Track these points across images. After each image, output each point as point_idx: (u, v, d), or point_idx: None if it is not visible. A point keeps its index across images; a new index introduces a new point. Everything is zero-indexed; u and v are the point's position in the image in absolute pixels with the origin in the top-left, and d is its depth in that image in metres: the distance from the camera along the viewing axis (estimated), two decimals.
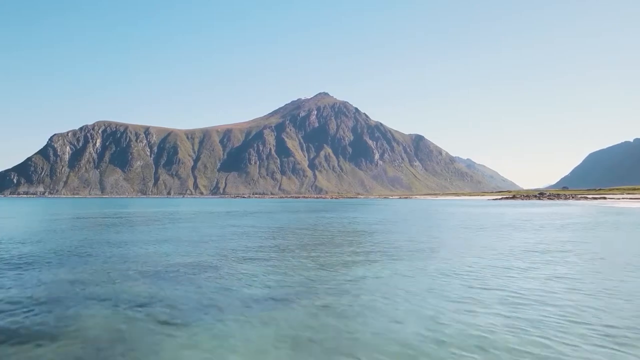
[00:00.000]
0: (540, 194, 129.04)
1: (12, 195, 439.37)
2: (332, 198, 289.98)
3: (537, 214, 44.82)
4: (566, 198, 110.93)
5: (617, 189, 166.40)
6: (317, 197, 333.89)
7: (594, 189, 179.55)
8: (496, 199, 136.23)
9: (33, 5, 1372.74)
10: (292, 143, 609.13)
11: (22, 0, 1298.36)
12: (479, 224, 31.85)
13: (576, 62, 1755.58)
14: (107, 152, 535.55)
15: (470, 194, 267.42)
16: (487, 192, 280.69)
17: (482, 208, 66.78)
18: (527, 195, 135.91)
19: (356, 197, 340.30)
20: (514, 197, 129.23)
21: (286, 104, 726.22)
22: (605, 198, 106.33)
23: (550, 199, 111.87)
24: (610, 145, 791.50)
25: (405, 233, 25.72)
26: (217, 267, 13.63)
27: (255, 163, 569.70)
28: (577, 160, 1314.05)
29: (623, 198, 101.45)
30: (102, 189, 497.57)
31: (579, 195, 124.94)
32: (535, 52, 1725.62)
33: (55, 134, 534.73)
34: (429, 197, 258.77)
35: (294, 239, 22.13)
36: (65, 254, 16.88)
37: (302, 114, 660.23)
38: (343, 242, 20.64)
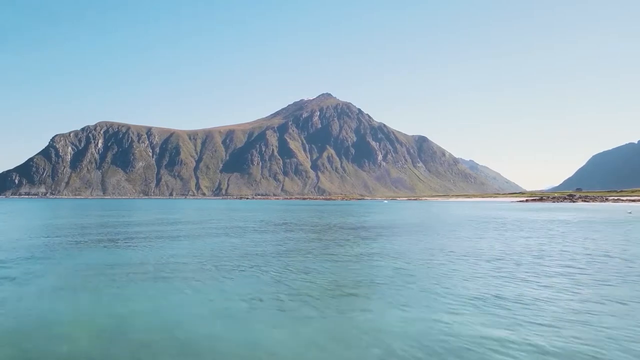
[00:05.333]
0: (569, 196, 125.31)
1: (14, 196, 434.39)
2: (342, 199, 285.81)
3: None
4: (602, 200, 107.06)
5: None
6: (326, 199, 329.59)
7: (615, 191, 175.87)
8: (521, 201, 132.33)
9: (34, 6, 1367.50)
10: (295, 144, 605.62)
11: (23, 1, 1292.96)
12: None
13: (579, 63, 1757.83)
14: (109, 153, 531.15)
15: (482, 195, 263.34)
16: (500, 194, 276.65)
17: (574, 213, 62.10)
18: (555, 197, 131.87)
19: (362, 199, 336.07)
20: (541, 200, 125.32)
21: (289, 105, 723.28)
22: None
23: (585, 201, 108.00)
24: (615, 146, 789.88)
25: None
26: None
27: (257, 164, 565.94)
28: (580, 162, 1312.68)
29: None
30: (104, 190, 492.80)
31: (610, 197, 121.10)
32: (538, 53, 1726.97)
33: (56, 135, 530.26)
34: (439, 199, 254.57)
35: None
36: None
37: (305, 114, 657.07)
38: None
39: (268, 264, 16.59)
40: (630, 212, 53.43)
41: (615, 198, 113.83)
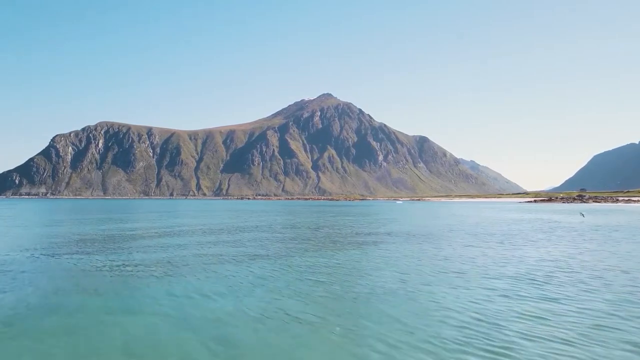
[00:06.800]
0: (579, 196, 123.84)
1: (14, 196, 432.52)
2: (345, 200, 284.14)
3: None
4: (613, 201, 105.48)
5: None
6: (329, 199, 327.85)
7: (621, 191, 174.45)
8: (529, 202, 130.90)
9: (34, 6, 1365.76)
10: (296, 144, 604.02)
11: (23, 1, 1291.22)
12: None
13: (579, 63, 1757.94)
14: (109, 153, 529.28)
15: (485, 196, 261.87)
16: (504, 194, 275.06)
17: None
18: (563, 198, 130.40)
19: (364, 199, 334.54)
20: (550, 200, 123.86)
21: (289, 105, 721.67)
22: None
23: (597, 201, 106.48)
24: (616, 147, 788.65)
25: None
26: None
27: (258, 164, 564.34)
28: (581, 162, 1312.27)
29: None
30: (105, 190, 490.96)
31: (621, 199, 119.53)
32: (538, 53, 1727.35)
33: (57, 135, 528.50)
34: (443, 200, 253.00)
35: None
36: None
37: (306, 115, 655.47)
38: None
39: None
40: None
41: (626, 199, 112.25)
